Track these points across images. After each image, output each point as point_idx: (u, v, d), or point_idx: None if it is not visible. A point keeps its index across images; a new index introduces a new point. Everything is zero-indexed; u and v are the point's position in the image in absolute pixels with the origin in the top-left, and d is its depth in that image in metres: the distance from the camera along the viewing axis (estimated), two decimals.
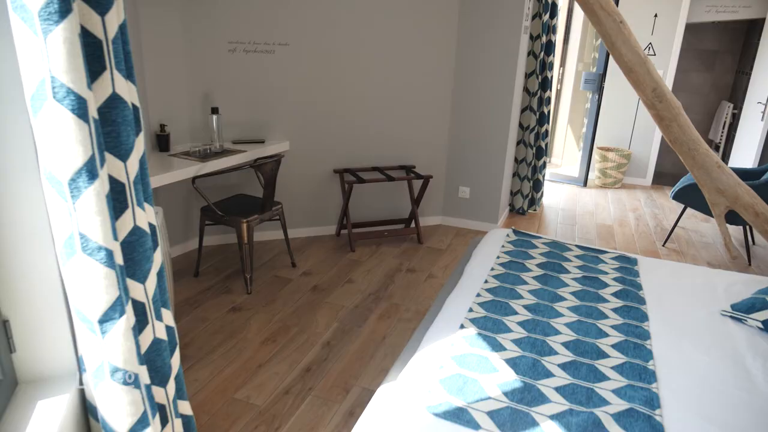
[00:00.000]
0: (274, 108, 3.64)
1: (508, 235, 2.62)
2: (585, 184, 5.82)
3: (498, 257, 2.36)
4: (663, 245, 4.22)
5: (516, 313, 1.89)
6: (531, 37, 4.33)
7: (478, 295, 2.01)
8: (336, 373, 2.43)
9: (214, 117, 3.24)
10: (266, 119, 3.65)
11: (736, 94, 6.03)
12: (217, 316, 2.86)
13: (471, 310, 1.90)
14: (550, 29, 4.50)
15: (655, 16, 5.59)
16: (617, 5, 5.25)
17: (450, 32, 3.92)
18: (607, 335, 1.79)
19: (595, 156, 5.87)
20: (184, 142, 3.46)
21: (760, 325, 1.89)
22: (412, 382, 1.51)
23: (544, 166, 4.85)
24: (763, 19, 5.28)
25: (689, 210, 5.07)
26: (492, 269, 2.24)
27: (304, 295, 3.12)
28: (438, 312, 1.96)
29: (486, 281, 2.13)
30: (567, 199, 5.37)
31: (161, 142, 3.21)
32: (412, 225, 4.11)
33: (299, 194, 3.88)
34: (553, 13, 4.48)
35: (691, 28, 6.11)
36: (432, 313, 2.01)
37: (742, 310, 1.95)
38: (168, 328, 1.40)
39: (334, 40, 3.63)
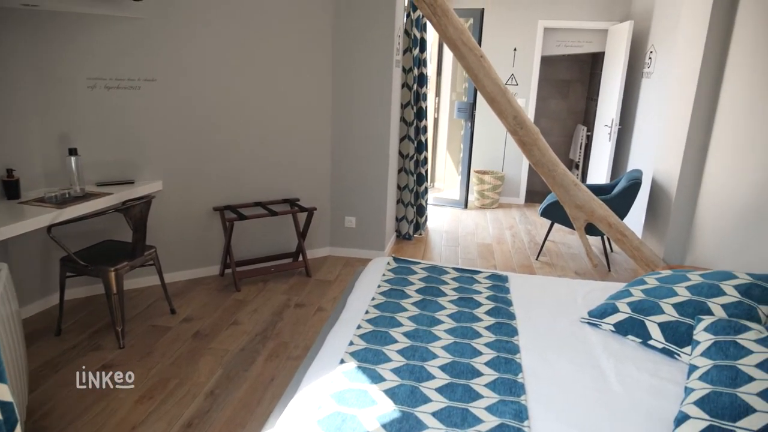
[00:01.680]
0: (144, 146, 3.44)
1: (388, 263, 2.67)
2: (466, 206, 6.14)
3: (379, 286, 2.39)
4: (536, 259, 4.55)
5: (396, 341, 1.92)
6: (404, 70, 4.54)
7: (359, 327, 2.01)
8: (221, 424, 2.29)
9: (72, 159, 2.99)
10: (135, 159, 3.43)
11: (589, 118, 6.74)
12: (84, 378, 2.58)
13: (351, 343, 1.89)
14: (421, 62, 4.74)
15: (515, 49, 6.12)
16: (480, 40, 5.69)
17: (325, 65, 3.99)
18: (481, 353, 1.87)
19: (473, 179, 6.23)
20: (38, 187, 3.14)
21: (612, 328, 2.08)
22: (290, 427, 1.46)
23: (425, 191, 5.05)
24: (603, 53, 5.99)
25: (556, 224, 5.53)
26: (373, 299, 2.26)
27: (184, 344, 2.93)
28: (319, 349, 1.93)
29: (367, 312, 2.14)
30: (450, 221, 5.62)
31: (9, 188, 2.90)
32: (300, 258, 4.06)
33: (176, 235, 3.68)
34: (423, 48, 4.73)
35: (546, 61, 6.76)
36: (314, 350, 1.97)
37: (597, 315, 2.14)
38: (2, 405, 1.23)
39: (207, 73, 3.54)
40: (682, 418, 1.50)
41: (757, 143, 3.12)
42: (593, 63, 6.90)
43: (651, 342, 1.98)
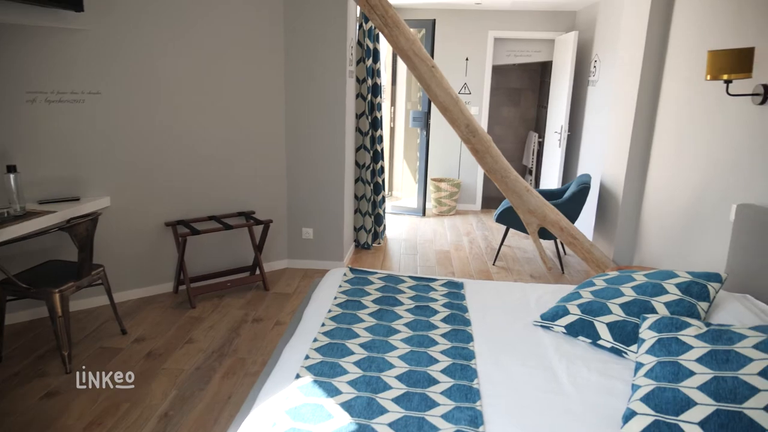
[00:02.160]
0: (89, 162, 3.33)
1: (345, 275, 2.66)
2: (423, 213, 6.20)
3: (335, 298, 2.38)
4: (493, 264, 4.63)
5: (352, 353, 1.91)
6: (358, 80, 4.56)
7: (315, 340, 2.00)
8: None
9: (11, 176, 2.85)
10: (80, 174, 3.31)
11: (540, 125, 6.94)
12: (28, 406, 2.46)
13: (307, 357, 1.87)
14: (375, 73, 4.78)
15: (467, 59, 6.25)
16: (433, 50, 5.78)
17: (278, 77, 3.97)
18: (437, 361, 1.88)
19: (430, 187, 6.30)
20: None
21: (564, 330, 2.13)
22: None
23: (383, 200, 5.07)
24: (552, 62, 6.19)
25: (512, 230, 5.64)
26: (329, 311, 2.25)
27: (136, 365, 2.83)
28: (275, 364, 1.90)
29: (323, 324, 2.13)
30: (408, 229, 5.66)
31: None
32: (257, 272, 4.00)
33: (127, 253, 3.56)
34: (376, 58, 4.77)
35: (497, 70, 6.93)
36: (269, 366, 1.94)
37: (549, 318, 2.20)
38: None
39: (156, 86, 3.45)
40: (629, 415, 1.56)
41: (692, 148, 3.29)
42: (542, 72, 7.12)
43: (600, 342, 2.04)
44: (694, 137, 3.28)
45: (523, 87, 7.34)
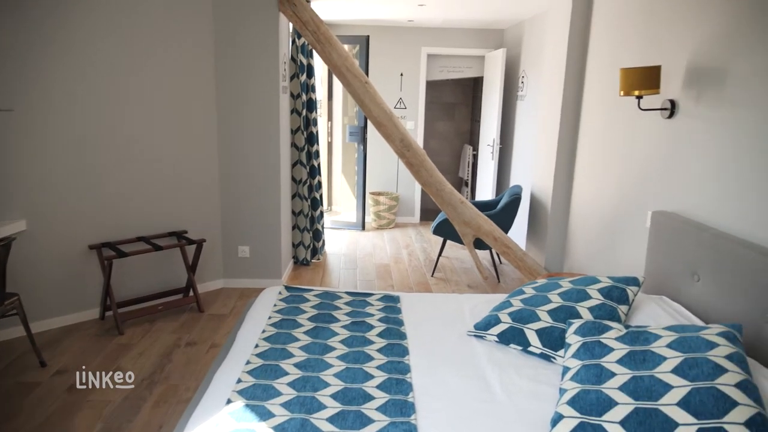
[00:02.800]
0: (1, 183, 3.11)
1: (280, 293, 2.62)
2: (363, 227, 6.21)
3: (270, 318, 2.33)
4: (432, 275, 4.69)
5: (286, 373, 1.87)
6: (292, 95, 4.53)
7: (248, 362, 1.94)
8: None
9: None
10: None
11: (474, 139, 7.14)
12: None
13: (239, 380, 1.82)
14: (310, 88, 4.77)
15: (401, 74, 6.36)
16: (368, 65, 5.85)
17: (208, 93, 3.88)
18: (372, 377, 1.88)
19: (369, 201, 6.33)
20: None
21: (496, 339, 2.19)
22: None
23: (321, 215, 5.04)
24: (483, 77, 6.41)
25: (449, 241, 5.76)
26: (263, 332, 2.20)
27: (57, 399, 2.65)
28: (205, 390, 1.83)
29: (257, 346, 2.07)
30: (348, 244, 5.65)
31: None
32: (191, 294, 3.86)
33: (46, 279, 3.35)
34: (311, 74, 4.77)
35: (432, 85, 7.10)
36: (200, 392, 1.87)
37: (482, 328, 2.25)
38: None
39: (76, 102, 3.29)
40: (557, 419, 1.61)
41: (611, 160, 3.49)
42: (475, 86, 7.35)
43: (530, 348, 2.10)
44: (613, 149, 3.48)
45: (457, 101, 7.55)
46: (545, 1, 4.42)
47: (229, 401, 1.69)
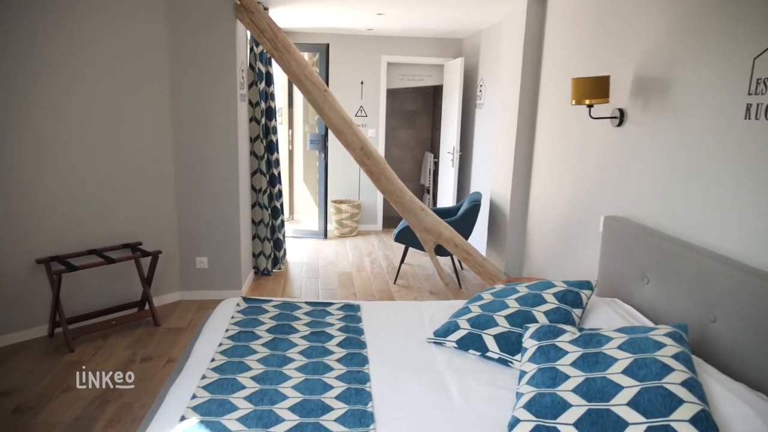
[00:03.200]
0: None
1: (238, 304, 2.57)
2: (325, 236, 6.18)
3: (227, 330, 2.28)
4: (394, 283, 4.70)
5: (243, 387, 1.84)
6: (251, 103, 4.48)
7: (204, 377, 1.90)
8: None
9: None
10: None
11: (435, 146, 7.22)
12: None
13: (194, 396, 1.77)
14: (269, 96, 4.73)
15: (362, 82, 6.38)
16: (328, 73, 5.84)
17: (163, 101, 3.79)
18: (332, 387, 1.86)
19: (331, 209, 6.30)
20: None
21: (455, 345, 2.21)
22: None
23: (282, 224, 4.99)
24: (442, 86, 6.49)
25: (411, 248, 5.79)
26: (220, 345, 2.15)
27: (2, 423, 2.52)
28: (159, 406, 1.77)
29: (213, 359, 2.03)
30: (310, 252, 5.61)
31: None
32: (147, 307, 3.74)
33: None
34: (269, 81, 4.73)
35: (393, 93, 7.15)
36: (153, 408, 1.81)
37: (441, 334, 2.26)
38: None
39: (23, 107, 3.16)
40: (513, 423, 1.63)
41: (565, 166, 3.58)
42: (435, 95, 7.44)
43: (489, 354, 2.13)
44: (567, 156, 3.57)
45: (418, 109, 7.62)
46: (500, 12, 4.52)
47: (183, 418, 1.64)
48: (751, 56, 1.99)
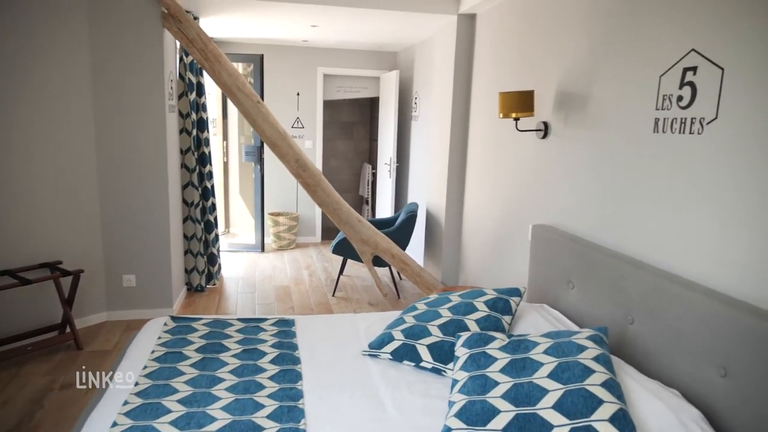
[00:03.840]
0: None
1: (165, 324, 2.46)
2: (262, 249, 6.06)
3: (153, 352, 2.18)
4: (333, 295, 4.67)
5: (169, 411, 1.76)
6: (181, 114, 4.34)
7: (126, 402, 1.80)
8: None
9: None
10: None
11: (373, 157, 7.26)
12: None
13: (115, 424, 1.67)
14: (200, 107, 4.61)
15: (298, 94, 6.33)
16: (263, 84, 5.77)
17: (85, 110, 3.60)
18: (263, 406, 1.81)
19: (268, 222, 6.19)
20: None
21: (390, 357, 2.21)
22: None
23: (216, 239, 4.85)
24: (379, 98, 6.56)
25: (349, 259, 5.78)
26: (145, 368, 2.05)
27: None
28: None
29: (136, 384, 1.93)
30: (247, 267, 5.48)
31: None
32: (68, 330, 3.51)
33: None
34: (201, 92, 4.61)
35: (330, 104, 7.14)
36: None
37: (376, 346, 2.26)
38: None
39: None
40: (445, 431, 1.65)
41: (496, 177, 3.70)
42: (372, 106, 7.50)
43: (422, 364, 2.15)
44: (497, 167, 3.69)
45: (356, 121, 7.65)
46: (432, 28, 4.63)
47: None
48: (658, 74, 2.14)
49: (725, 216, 1.83)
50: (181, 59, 4.32)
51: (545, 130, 3.02)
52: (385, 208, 6.27)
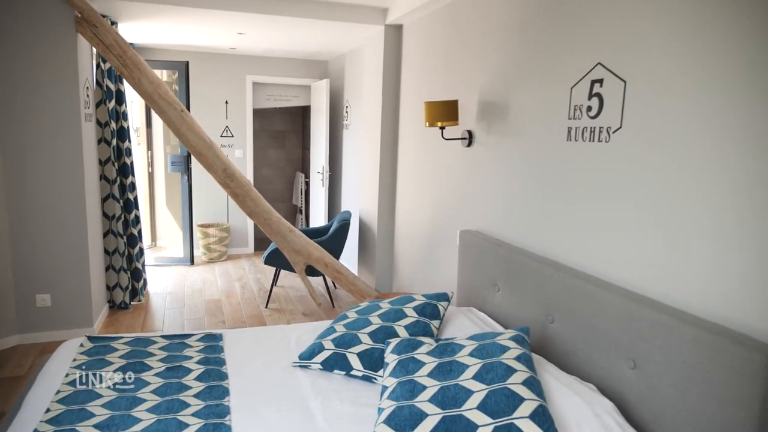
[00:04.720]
0: None
1: (81, 345, 2.32)
2: (192, 262, 5.86)
3: (67, 375, 2.05)
4: (266, 307, 4.58)
5: None
6: (99, 123, 4.13)
7: (35, 431, 1.68)
8: None
9: None
10: None
11: (306, 166, 7.21)
12: None
13: None
14: (121, 115, 4.40)
15: (226, 102, 6.19)
16: (188, 92, 5.59)
17: None
18: (187, 425, 1.75)
19: (197, 234, 5.99)
20: None
21: (320, 367, 2.19)
22: None
23: (141, 253, 4.64)
24: (310, 106, 6.53)
25: (283, 270, 5.69)
26: (57, 392, 1.92)
27: None
28: None
29: (48, 410, 1.81)
30: (175, 281, 5.27)
31: None
32: None
33: None
34: (121, 100, 4.40)
35: (260, 113, 7.03)
36: None
37: (306, 357, 2.24)
38: None
39: None
40: None
41: (425, 184, 3.78)
42: (304, 115, 7.46)
43: (353, 372, 2.15)
44: (426, 175, 3.77)
45: (287, 129, 7.58)
46: (360, 38, 4.68)
47: None
48: (569, 86, 2.27)
49: (632, 217, 1.97)
50: (98, 66, 4.11)
51: (470, 138, 3.12)
52: (318, 217, 6.24)
